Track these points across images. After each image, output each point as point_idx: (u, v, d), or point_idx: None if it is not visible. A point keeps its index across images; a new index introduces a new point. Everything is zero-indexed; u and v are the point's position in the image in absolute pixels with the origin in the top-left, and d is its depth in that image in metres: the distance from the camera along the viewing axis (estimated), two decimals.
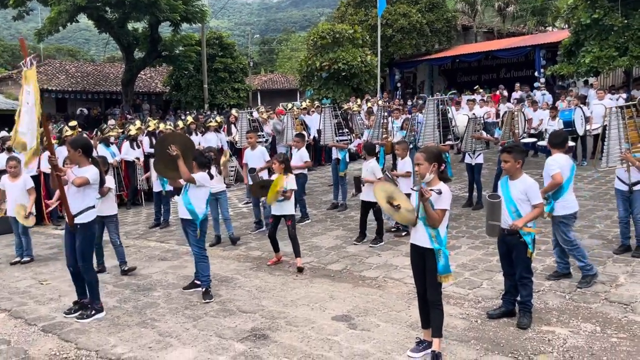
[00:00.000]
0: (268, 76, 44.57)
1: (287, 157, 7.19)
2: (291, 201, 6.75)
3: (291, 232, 6.73)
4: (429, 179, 4.12)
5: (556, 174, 5.38)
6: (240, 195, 12.24)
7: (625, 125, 6.18)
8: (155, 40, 25.46)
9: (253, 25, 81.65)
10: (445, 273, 4.14)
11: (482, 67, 28.50)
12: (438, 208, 4.08)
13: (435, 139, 8.76)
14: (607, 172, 8.74)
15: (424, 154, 4.18)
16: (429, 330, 4.29)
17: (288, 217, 6.76)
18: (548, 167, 5.46)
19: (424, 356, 4.22)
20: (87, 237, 5.33)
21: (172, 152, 5.64)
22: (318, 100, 20.21)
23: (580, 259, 5.51)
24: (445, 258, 4.12)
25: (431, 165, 4.10)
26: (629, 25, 19.22)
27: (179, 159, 5.65)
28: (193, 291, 6.04)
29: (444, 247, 4.13)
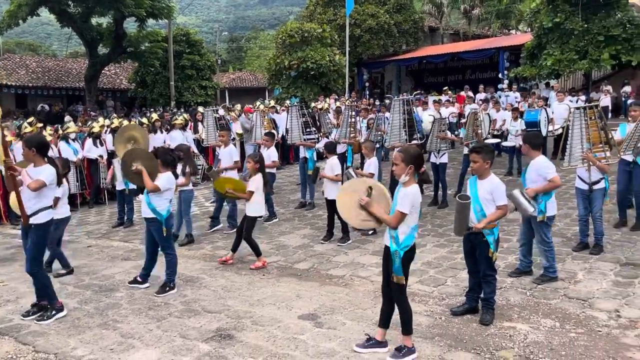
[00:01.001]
0: (236, 74, 44.21)
1: (262, 157, 7.13)
2: (253, 203, 6.69)
3: (244, 234, 6.70)
4: (404, 180, 4.15)
5: (556, 177, 5.48)
6: (207, 194, 12.10)
7: (587, 126, 6.35)
8: (120, 36, 24.92)
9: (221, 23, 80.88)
10: (397, 274, 4.16)
11: (448, 68, 28.95)
12: (396, 209, 4.12)
13: (401, 139, 8.84)
14: (567, 172, 8.98)
15: (402, 154, 4.19)
16: (383, 330, 4.34)
17: (246, 217, 6.76)
18: (543, 169, 5.48)
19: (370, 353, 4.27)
20: (40, 238, 5.16)
21: (135, 170, 5.97)
22: (287, 99, 20.17)
23: (551, 260, 5.64)
24: (400, 259, 4.14)
25: (408, 167, 4.14)
26: (589, 29, 19.84)
27: (143, 174, 5.94)
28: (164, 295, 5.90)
29: (400, 248, 4.15)
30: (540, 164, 5.55)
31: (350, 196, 4.24)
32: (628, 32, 19.47)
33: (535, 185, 5.47)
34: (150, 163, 6.05)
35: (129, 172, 6.10)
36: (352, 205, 4.23)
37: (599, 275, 5.78)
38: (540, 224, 5.60)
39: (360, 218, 4.25)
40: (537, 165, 5.55)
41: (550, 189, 5.54)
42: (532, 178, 5.52)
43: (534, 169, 5.54)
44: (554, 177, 5.48)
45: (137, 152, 6.24)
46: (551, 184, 5.48)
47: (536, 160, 5.59)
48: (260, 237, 7.93)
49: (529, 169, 5.61)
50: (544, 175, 5.48)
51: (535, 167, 5.54)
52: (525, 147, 5.66)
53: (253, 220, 6.75)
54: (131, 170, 6.03)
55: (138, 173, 5.98)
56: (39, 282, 5.27)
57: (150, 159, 6.11)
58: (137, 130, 7.86)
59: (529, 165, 5.65)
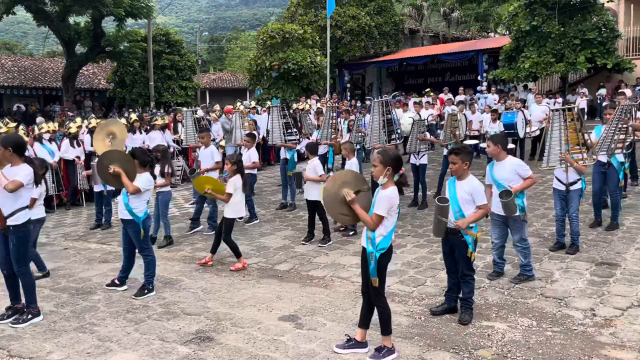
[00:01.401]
0: (217, 75, 44.00)
1: (241, 158, 7.09)
2: (231, 204, 6.66)
3: (223, 235, 6.68)
4: (382, 182, 4.17)
5: (532, 174, 5.63)
6: (186, 195, 12.01)
7: (566, 127, 6.45)
8: (98, 35, 24.62)
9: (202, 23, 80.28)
10: (372, 276, 4.17)
11: (428, 70, 29.20)
12: (374, 212, 4.14)
13: (381, 140, 8.89)
14: (544, 173, 9.11)
15: (381, 156, 4.20)
16: (363, 331, 4.36)
17: (224, 218, 6.73)
18: (521, 169, 5.58)
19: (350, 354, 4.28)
20: (21, 239, 5.07)
21: (113, 172, 5.82)
22: (269, 100, 20.13)
23: (528, 258, 5.72)
24: (374, 262, 4.15)
25: (386, 168, 4.15)
26: (565, 33, 20.19)
27: (121, 177, 5.82)
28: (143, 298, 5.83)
29: (375, 251, 4.16)
30: (516, 164, 5.64)
31: (339, 187, 4.18)
32: (603, 35, 19.88)
33: (515, 184, 5.53)
34: (127, 165, 5.91)
35: (106, 175, 5.96)
36: (336, 196, 4.18)
37: (575, 274, 5.87)
38: (521, 223, 5.67)
39: (340, 211, 4.23)
40: (513, 165, 5.61)
41: (528, 186, 5.64)
42: (509, 178, 5.57)
43: (509, 169, 5.58)
44: (531, 174, 5.62)
45: (113, 154, 6.11)
46: (529, 180, 5.60)
47: (510, 161, 5.65)
48: (240, 238, 7.91)
49: (502, 170, 5.60)
50: (522, 174, 5.56)
51: (511, 167, 5.59)
52: (496, 149, 5.62)
53: (231, 222, 6.72)
54: (108, 173, 5.89)
55: (116, 175, 5.85)
56: (24, 283, 5.17)
57: (128, 161, 5.97)
58: (116, 125, 7.76)
59: (500, 166, 5.62)
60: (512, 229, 5.71)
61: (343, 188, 4.15)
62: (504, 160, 5.63)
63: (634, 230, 7.35)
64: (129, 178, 5.85)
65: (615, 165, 7.41)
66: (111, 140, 7.43)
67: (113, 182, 6.06)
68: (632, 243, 6.81)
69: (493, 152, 5.63)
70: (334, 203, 4.21)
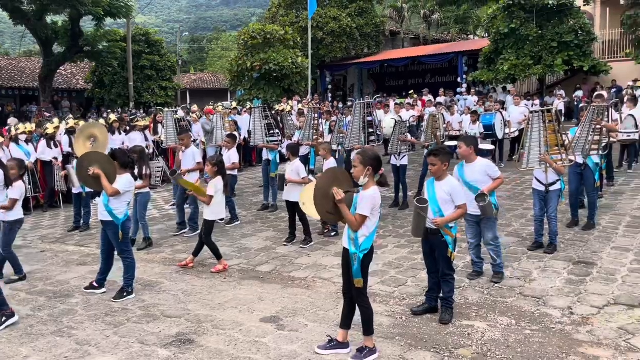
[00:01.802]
0: (198, 75, 43.72)
1: (221, 160, 7.04)
2: (211, 206, 6.62)
3: (203, 237, 6.64)
4: (363, 182, 4.18)
5: (501, 175, 5.72)
6: (167, 196, 11.90)
7: (545, 128, 6.54)
8: (76, 35, 24.26)
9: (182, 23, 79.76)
10: (356, 277, 4.17)
11: (408, 72, 29.40)
12: (357, 212, 4.15)
13: (361, 141, 8.92)
14: (523, 174, 9.24)
15: (361, 157, 4.21)
16: (345, 331, 4.37)
17: (204, 221, 6.68)
18: (491, 170, 5.65)
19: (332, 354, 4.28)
20: None
21: (93, 174, 5.73)
22: (250, 100, 20.07)
23: (500, 257, 5.79)
24: (358, 263, 4.15)
25: (366, 168, 4.16)
26: (543, 35, 20.51)
27: (101, 179, 5.73)
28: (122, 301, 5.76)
29: (359, 251, 4.17)
30: (486, 165, 5.71)
31: (331, 184, 4.12)
32: (580, 38, 20.24)
33: (485, 185, 5.60)
34: (107, 167, 5.82)
35: (86, 176, 5.87)
36: (326, 193, 4.11)
37: (553, 273, 5.96)
38: (493, 222, 5.76)
39: (327, 209, 4.18)
40: (483, 166, 5.67)
41: (497, 187, 5.72)
42: (479, 179, 5.63)
43: (480, 171, 5.64)
44: (500, 175, 5.71)
45: (93, 156, 6.02)
46: (498, 181, 5.68)
47: (481, 163, 5.71)
48: (221, 240, 7.87)
49: (472, 171, 5.64)
50: (492, 175, 5.63)
51: (481, 168, 5.65)
52: (468, 150, 5.65)
53: (211, 223, 6.69)
54: (88, 174, 5.79)
55: (95, 177, 5.77)
56: None
57: (108, 162, 5.88)
58: (97, 128, 7.65)
59: (471, 167, 5.66)
60: (485, 228, 5.78)
61: (334, 186, 4.11)
62: (474, 162, 5.69)
63: (610, 229, 7.49)
64: (109, 180, 5.77)
65: (591, 166, 7.54)
66: (92, 143, 7.34)
67: (93, 184, 5.97)
68: (608, 242, 6.94)
69: (465, 153, 5.67)
70: (322, 199, 4.14)
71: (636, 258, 6.29)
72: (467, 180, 5.62)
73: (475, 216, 5.68)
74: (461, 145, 5.71)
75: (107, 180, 5.76)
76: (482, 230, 5.81)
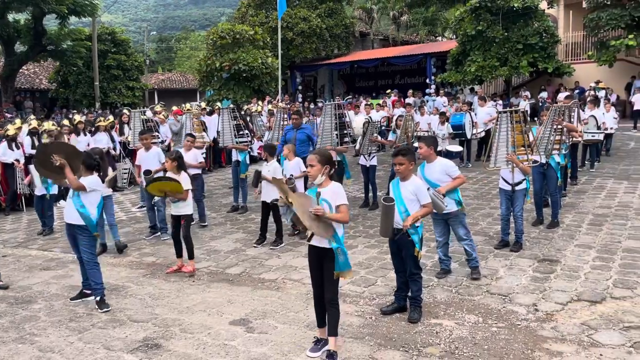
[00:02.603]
0: (166, 75, 43.14)
1: (180, 154, 6.92)
2: (188, 201, 6.53)
3: (184, 232, 6.52)
4: (320, 181, 4.21)
5: (461, 174, 5.82)
6: (134, 198, 11.68)
7: (512, 129, 6.66)
8: (39, 33, 23.62)
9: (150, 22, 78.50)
10: (345, 269, 4.21)
11: (378, 72, 29.64)
12: (340, 204, 4.16)
13: (332, 142, 8.93)
14: (490, 174, 9.40)
15: (317, 156, 4.25)
16: (324, 329, 4.35)
17: (182, 216, 6.56)
18: (450, 169, 5.70)
19: (322, 354, 4.28)
20: None
21: (56, 162, 5.41)
22: (219, 101, 19.89)
23: (475, 251, 5.89)
24: (345, 254, 4.20)
25: (323, 167, 4.20)
26: (509, 37, 20.93)
27: (65, 168, 5.43)
28: (80, 302, 5.66)
29: (342, 244, 4.20)
30: (445, 165, 5.78)
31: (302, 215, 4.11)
32: (544, 40, 20.74)
33: (445, 184, 5.67)
34: (73, 160, 5.50)
35: (48, 166, 5.45)
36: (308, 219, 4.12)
37: (519, 271, 6.08)
38: (462, 218, 5.85)
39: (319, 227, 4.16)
40: (443, 166, 5.75)
41: (458, 185, 5.80)
42: (439, 178, 5.70)
43: (439, 170, 5.72)
44: (460, 174, 5.79)
45: (60, 145, 5.74)
46: (459, 180, 5.76)
47: (440, 162, 5.80)
48: None
49: (432, 171, 5.72)
50: (451, 175, 5.71)
51: (440, 168, 5.72)
52: (429, 150, 5.72)
53: (191, 217, 6.63)
54: (50, 165, 5.40)
55: (60, 167, 5.41)
56: None
57: (75, 156, 5.54)
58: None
59: (431, 167, 5.74)
60: (454, 226, 5.87)
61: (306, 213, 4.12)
62: (434, 162, 5.77)
63: (573, 227, 7.69)
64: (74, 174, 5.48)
65: (553, 166, 7.73)
66: None
67: (54, 175, 5.62)
68: (572, 240, 7.12)
69: (425, 153, 5.72)
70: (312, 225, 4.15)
71: (598, 255, 6.47)
72: (429, 179, 5.69)
73: (443, 214, 5.75)
74: (422, 146, 5.75)
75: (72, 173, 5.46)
76: (452, 229, 5.89)
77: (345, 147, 9.25)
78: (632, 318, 4.76)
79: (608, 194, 9.59)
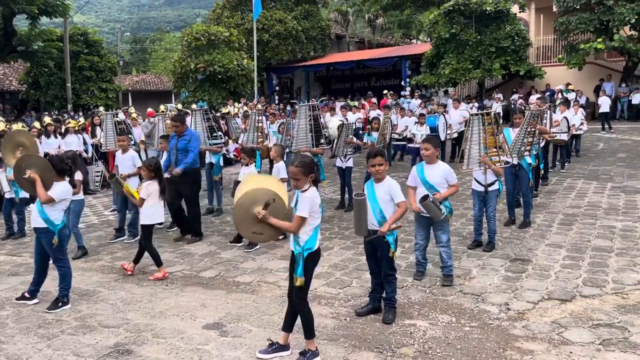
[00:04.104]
0: (140, 76, 42.63)
1: (159, 165, 6.84)
2: (150, 211, 6.42)
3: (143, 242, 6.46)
4: (305, 189, 4.21)
5: (457, 182, 5.80)
6: (106, 202, 11.49)
7: (485, 131, 6.74)
8: (9, 34, 23.11)
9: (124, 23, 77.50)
10: (299, 276, 4.17)
11: (354, 75, 29.76)
12: (296, 214, 4.16)
13: (307, 143, 8.93)
14: (463, 175, 9.49)
15: (301, 168, 4.16)
16: (286, 334, 4.37)
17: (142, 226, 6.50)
18: (450, 175, 5.67)
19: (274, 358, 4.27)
20: None
21: (29, 178, 5.51)
22: (195, 102, 19.72)
23: (451, 259, 5.86)
24: (302, 261, 4.15)
25: (308, 177, 4.18)
26: (482, 40, 21.26)
27: (36, 183, 5.50)
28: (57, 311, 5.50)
29: (304, 250, 4.17)
30: (447, 170, 5.72)
31: (247, 209, 4.15)
32: (516, 44, 21.12)
33: (442, 190, 5.68)
34: (46, 173, 5.58)
35: (21, 179, 5.62)
36: (247, 216, 4.16)
37: (491, 271, 6.16)
38: (446, 225, 5.82)
39: (253, 230, 4.21)
40: (444, 171, 5.71)
41: (452, 194, 5.81)
42: (438, 182, 5.68)
43: (440, 174, 5.68)
44: (457, 182, 5.79)
45: (33, 160, 5.77)
46: (454, 188, 5.76)
47: (442, 166, 5.77)
48: (163, 245, 7.68)
49: (434, 173, 5.69)
50: (450, 182, 5.70)
51: (442, 172, 5.69)
52: (435, 152, 5.70)
53: (148, 228, 6.50)
54: (24, 177, 5.55)
55: (31, 181, 5.53)
56: None
57: (48, 170, 5.62)
58: (23, 135, 7.31)
59: (433, 169, 5.72)
60: (437, 231, 5.80)
61: (252, 209, 4.13)
62: (436, 164, 5.75)
63: (544, 227, 7.83)
64: (45, 187, 5.53)
65: (525, 167, 7.86)
66: (21, 152, 7.00)
67: (29, 188, 5.72)
68: (543, 240, 7.24)
69: (431, 155, 5.70)
70: (245, 223, 4.20)
71: (568, 254, 6.60)
72: (428, 180, 5.67)
73: (427, 218, 5.71)
74: (428, 147, 5.69)
75: (44, 186, 5.52)
76: (434, 233, 5.84)
77: (320, 148, 9.26)
78: (601, 316, 4.86)
79: (578, 194, 9.80)
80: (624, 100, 21.02)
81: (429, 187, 5.65)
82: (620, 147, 15.12)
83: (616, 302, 5.17)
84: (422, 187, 5.72)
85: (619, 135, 17.39)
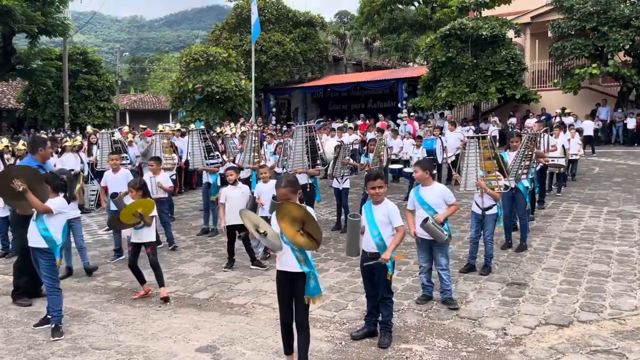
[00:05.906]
0: (138, 96, 42.80)
1: (144, 182, 6.79)
2: (152, 227, 6.37)
3: (152, 260, 6.35)
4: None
5: (456, 201, 5.77)
6: (101, 221, 11.41)
7: (481, 154, 6.76)
8: (8, 52, 23.25)
9: (123, 43, 78.15)
10: (315, 294, 4.16)
11: (351, 97, 29.99)
12: None
13: (304, 164, 8.93)
14: (460, 197, 9.45)
15: (290, 187, 4.18)
16: (292, 356, 4.28)
17: (147, 244, 6.38)
18: (448, 195, 5.68)
19: None
20: None
21: (17, 187, 5.18)
22: (192, 122, 19.77)
23: (451, 282, 5.83)
24: (315, 279, 4.16)
25: (297, 194, 4.20)
26: (478, 64, 21.47)
27: (27, 194, 5.21)
28: (40, 329, 5.44)
29: (313, 269, 4.16)
30: (443, 190, 5.75)
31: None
32: (512, 68, 21.32)
33: (441, 211, 5.67)
34: (36, 183, 5.29)
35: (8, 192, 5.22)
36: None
37: (488, 294, 6.11)
38: (446, 247, 5.79)
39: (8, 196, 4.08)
40: (441, 191, 5.73)
41: (452, 213, 5.80)
42: (436, 202, 5.67)
43: (438, 195, 5.69)
44: (455, 202, 5.77)
45: (21, 169, 5.52)
46: (453, 208, 5.74)
47: (438, 187, 5.80)
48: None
49: (431, 194, 5.70)
50: (448, 201, 5.69)
51: (439, 193, 5.71)
52: (425, 174, 5.73)
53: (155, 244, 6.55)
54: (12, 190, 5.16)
55: (21, 193, 5.17)
56: None
57: (37, 179, 5.32)
58: None
59: (429, 190, 5.73)
60: (438, 253, 5.77)
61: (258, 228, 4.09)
62: (431, 185, 5.77)
63: (541, 251, 7.80)
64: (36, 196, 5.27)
65: (521, 190, 7.86)
66: None
67: (18, 202, 5.44)
68: (539, 263, 7.21)
69: (421, 177, 5.72)
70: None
71: (565, 278, 6.56)
72: (427, 201, 5.66)
73: (428, 241, 5.69)
74: (417, 170, 5.75)
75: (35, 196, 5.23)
76: (434, 256, 5.81)
77: (316, 169, 9.26)
78: (598, 342, 4.81)
79: (574, 218, 9.79)
80: (619, 125, 21.17)
81: (427, 207, 5.64)
82: (616, 171, 15.18)
83: (614, 327, 5.12)
84: (420, 209, 5.71)
85: (614, 159, 17.48)
